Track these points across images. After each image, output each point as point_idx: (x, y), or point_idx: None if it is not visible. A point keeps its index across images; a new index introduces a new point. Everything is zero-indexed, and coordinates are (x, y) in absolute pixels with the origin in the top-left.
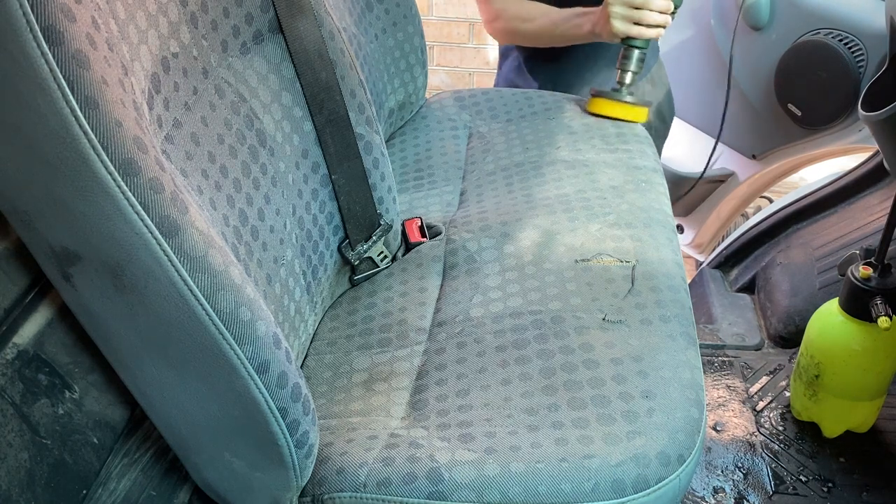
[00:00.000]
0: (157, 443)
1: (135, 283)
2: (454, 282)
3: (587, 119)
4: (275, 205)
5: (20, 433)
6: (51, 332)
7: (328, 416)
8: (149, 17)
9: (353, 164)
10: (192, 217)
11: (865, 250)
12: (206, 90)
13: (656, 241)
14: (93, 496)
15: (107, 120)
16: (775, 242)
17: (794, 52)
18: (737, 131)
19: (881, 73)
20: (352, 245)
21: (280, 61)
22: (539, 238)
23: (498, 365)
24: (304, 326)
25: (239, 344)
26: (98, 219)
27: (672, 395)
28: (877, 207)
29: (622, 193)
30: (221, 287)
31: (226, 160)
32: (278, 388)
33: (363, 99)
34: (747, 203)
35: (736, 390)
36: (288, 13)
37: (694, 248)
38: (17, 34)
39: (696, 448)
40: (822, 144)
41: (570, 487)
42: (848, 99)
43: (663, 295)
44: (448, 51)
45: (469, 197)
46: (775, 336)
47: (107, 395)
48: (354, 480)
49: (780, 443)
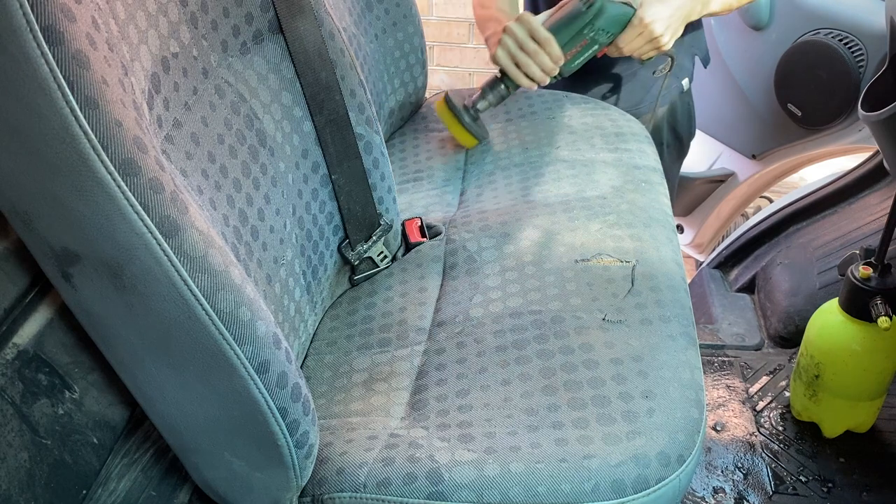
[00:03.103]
0: (157, 443)
1: (135, 283)
2: (454, 282)
3: (587, 119)
4: (275, 205)
5: (20, 433)
6: (51, 332)
7: (328, 416)
8: (149, 17)
9: (353, 164)
10: (192, 217)
11: (865, 250)
12: (206, 90)
13: (656, 240)
14: (93, 496)
15: (107, 120)
16: (775, 242)
17: (794, 52)
18: (737, 131)
19: (881, 73)
20: (352, 245)
21: (280, 61)
22: (539, 238)
23: (498, 365)
24: (304, 326)
25: (239, 344)
26: (98, 219)
27: (672, 395)
28: (877, 207)
29: (622, 193)
30: (221, 287)
31: (226, 160)
32: (278, 388)
33: (363, 99)
34: (747, 203)
35: (736, 390)
36: (288, 13)
37: (694, 248)
38: (17, 34)
39: (696, 448)
40: (822, 144)
41: (570, 487)
42: (848, 99)
43: (663, 295)
44: (448, 51)
45: (469, 197)
46: (775, 336)
47: (107, 395)
48: (354, 480)
49: (780, 443)
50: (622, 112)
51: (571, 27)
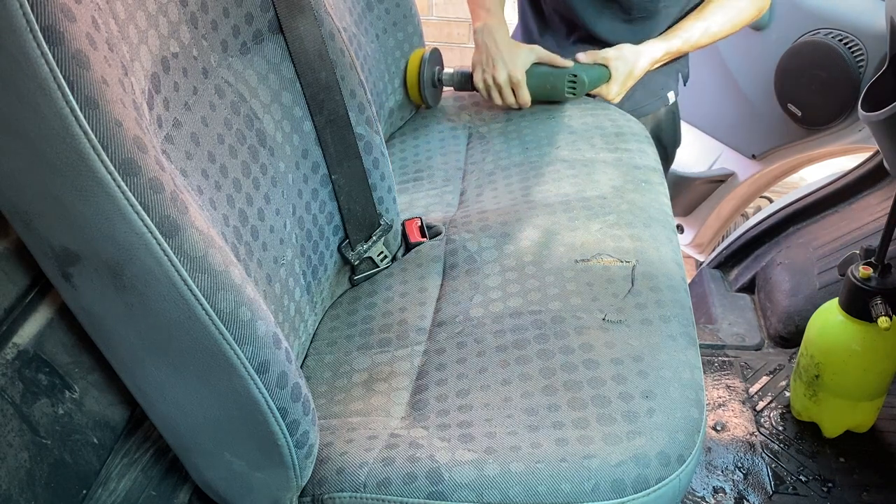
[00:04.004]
0: (157, 443)
1: (135, 283)
2: (454, 282)
3: (587, 119)
4: (275, 205)
5: (20, 433)
6: (51, 332)
7: (328, 416)
8: (149, 17)
9: (353, 164)
10: (192, 217)
11: (865, 250)
12: (206, 90)
13: (656, 240)
14: (93, 496)
15: (107, 120)
16: (775, 242)
17: (794, 52)
18: (737, 131)
19: (881, 73)
20: (352, 245)
21: (280, 61)
22: (539, 238)
23: (498, 365)
24: (304, 326)
25: (239, 344)
26: (98, 219)
27: (672, 395)
28: (877, 207)
29: (622, 193)
30: (221, 287)
31: (226, 160)
32: (278, 388)
33: (363, 99)
34: (747, 203)
35: (736, 390)
36: (288, 13)
37: (694, 248)
38: (17, 34)
39: (696, 448)
40: (822, 144)
41: (570, 487)
42: (848, 99)
43: (663, 295)
44: (448, 51)
45: (469, 197)
46: (775, 336)
47: (107, 395)
48: (354, 480)
49: (780, 443)
50: (622, 112)
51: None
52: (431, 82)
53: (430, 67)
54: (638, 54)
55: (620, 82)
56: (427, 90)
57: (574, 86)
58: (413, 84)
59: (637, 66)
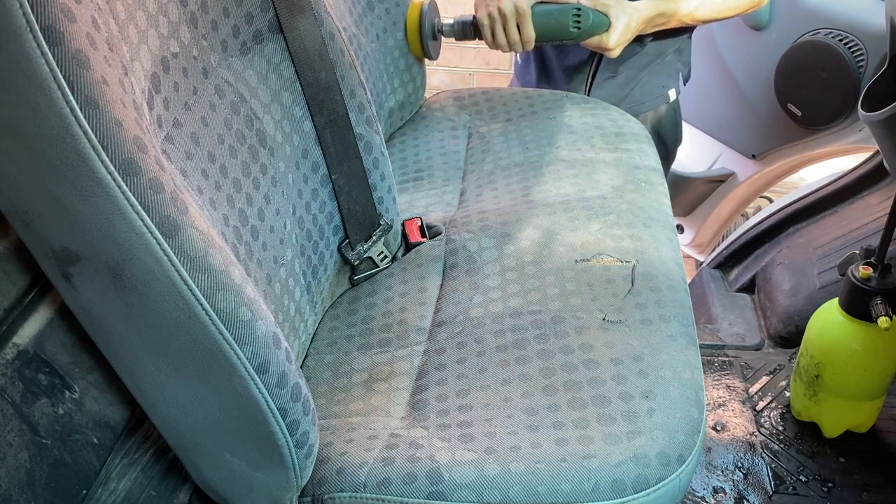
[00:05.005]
0: (157, 443)
1: (135, 283)
2: (454, 282)
3: (587, 119)
4: (275, 205)
5: (20, 433)
6: (51, 332)
7: (328, 416)
8: (149, 17)
9: (353, 164)
10: (192, 217)
11: (865, 250)
12: (206, 90)
13: (656, 240)
14: (93, 496)
15: (107, 120)
16: (775, 242)
17: (794, 52)
18: (737, 131)
19: (881, 73)
20: (352, 245)
21: (280, 61)
22: (539, 238)
23: (498, 365)
24: (304, 326)
25: (239, 344)
26: (98, 219)
27: (672, 395)
28: (877, 207)
29: (622, 193)
30: (221, 287)
31: (226, 160)
32: (278, 388)
33: (363, 99)
34: (747, 203)
35: (736, 390)
36: (288, 13)
37: (694, 248)
38: (17, 34)
39: (696, 448)
40: (822, 144)
41: (570, 487)
42: (848, 99)
43: (663, 295)
44: (448, 50)
45: (469, 197)
46: (775, 336)
47: (107, 395)
48: (354, 480)
49: (780, 443)
50: (622, 112)
51: (553, 31)
52: (432, 34)
53: (429, 19)
54: (634, 9)
55: (619, 32)
56: (428, 42)
57: (579, 20)
58: (414, 37)
59: (633, 19)
